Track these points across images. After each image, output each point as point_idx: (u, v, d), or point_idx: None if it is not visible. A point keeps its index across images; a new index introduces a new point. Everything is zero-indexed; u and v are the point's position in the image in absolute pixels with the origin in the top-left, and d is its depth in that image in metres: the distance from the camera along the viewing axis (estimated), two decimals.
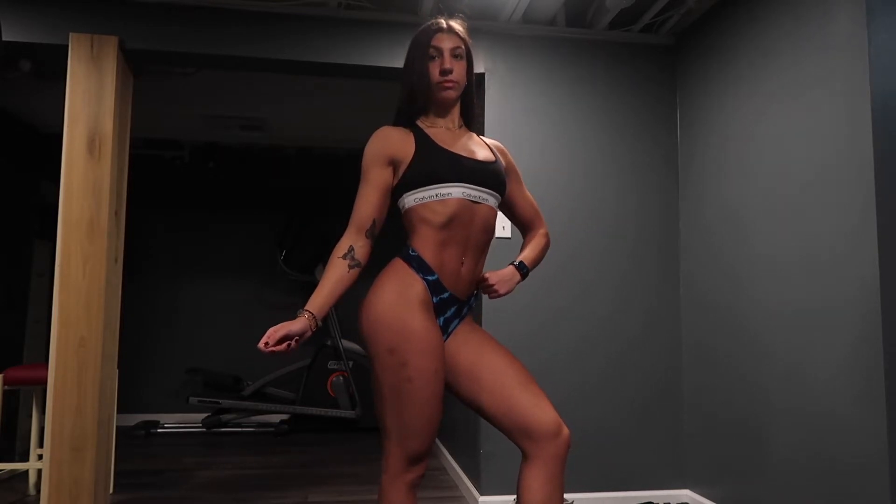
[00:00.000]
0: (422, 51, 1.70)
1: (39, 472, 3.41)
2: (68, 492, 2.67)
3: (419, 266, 1.63)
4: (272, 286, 5.71)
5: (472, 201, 1.65)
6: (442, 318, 1.66)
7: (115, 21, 2.89)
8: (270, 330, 1.51)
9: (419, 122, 1.73)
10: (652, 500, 3.06)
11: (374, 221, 1.66)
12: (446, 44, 1.69)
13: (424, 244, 1.63)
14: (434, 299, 1.63)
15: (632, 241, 3.22)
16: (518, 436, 1.61)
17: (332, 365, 5.22)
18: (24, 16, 2.82)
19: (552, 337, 3.12)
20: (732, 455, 2.76)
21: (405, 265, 1.63)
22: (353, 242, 1.64)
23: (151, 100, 4.21)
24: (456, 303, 1.68)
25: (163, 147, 5.44)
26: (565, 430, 1.61)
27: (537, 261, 1.86)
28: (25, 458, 4.08)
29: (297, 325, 1.54)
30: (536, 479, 1.59)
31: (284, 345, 1.52)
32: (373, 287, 1.64)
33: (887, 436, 1.98)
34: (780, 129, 2.52)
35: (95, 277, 2.75)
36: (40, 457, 3.43)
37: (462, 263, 1.66)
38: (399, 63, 3.07)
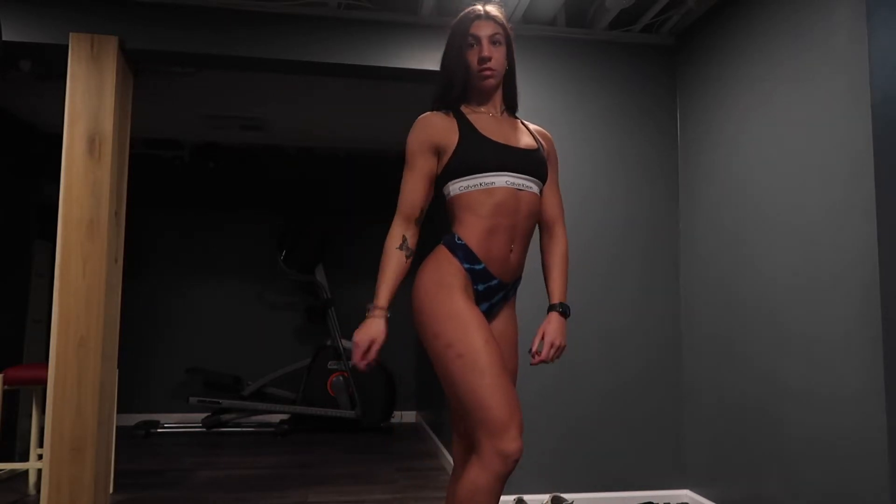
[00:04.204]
0: (460, 40, 1.70)
1: (39, 472, 3.41)
2: (68, 492, 2.67)
3: (465, 255, 1.63)
4: (272, 286, 5.71)
5: (517, 189, 1.66)
6: (487, 304, 1.67)
7: (115, 21, 2.89)
8: (359, 344, 1.56)
9: (462, 108, 1.73)
10: (652, 500, 3.06)
11: (421, 210, 1.68)
12: (484, 31, 1.68)
13: (471, 233, 1.63)
14: (479, 287, 1.64)
15: (631, 240, 3.22)
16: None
17: (332, 365, 5.22)
18: (24, 16, 2.82)
19: None
20: (732, 455, 2.76)
21: (449, 254, 1.64)
22: (404, 232, 1.66)
23: (151, 100, 4.20)
24: (503, 288, 1.69)
25: (163, 147, 5.44)
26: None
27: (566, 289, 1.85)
28: (25, 458, 4.08)
29: (376, 327, 1.58)
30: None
31: (374, 353, 1.57)
32: (416, 277, 1.66)
33: (887, 434, 1.98)
34: (780, 128, 2.52)
35: (95, 277, 2.75)
36: (40, 457, 3.43)
37: (511, 251, 1.67)
38: (399, 63, 3.07)
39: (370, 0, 3.01)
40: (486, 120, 1.71)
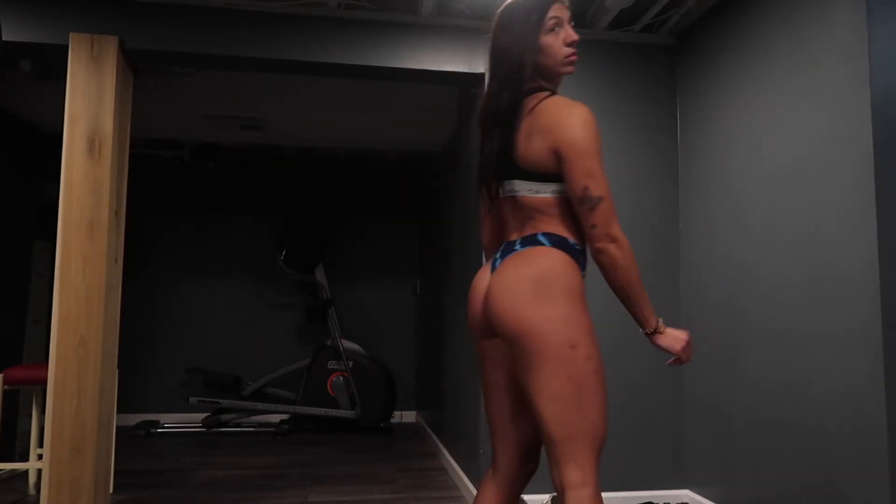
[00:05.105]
0: (538, 23, 1.53)
1: (39, 472, 3.41)
2: (68, 492, 2.67)
3: (584, 262, 1.57)
4: (272, 286, 5.71)
5: None
6: None
7: (115, 21, 2.89)
8: (689, 342, 1.53)
9: None
10: (652, 500, 3.06)
11: None
12: (566, 13, 1.55)
13: (578, 238, 1.55)
14: None
15: (632, 241, 3.22)
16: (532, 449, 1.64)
17: (332, 365, 5.22)
18: (24, 16, 2.82)
19: None
20: (732, 455, 2.76)
21: (570, 259, 1.52)
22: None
23: (151, 100, 4.20)
24: None
25: (163, 147, 5.44)
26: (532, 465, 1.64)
27: None
28: (25, 458, 4.08)
29: (679, 332, 1.54)
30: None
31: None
32: (534, 275, 1.48)
33: (887, 435, 1.98)
34: (781, 128, 2.52)
35: (95, 277, 2.75)
36: (40, 457, 3.43)
37: None
38: (399, 63, 3.07)
39: (370, 0, 3.01)
40: None
